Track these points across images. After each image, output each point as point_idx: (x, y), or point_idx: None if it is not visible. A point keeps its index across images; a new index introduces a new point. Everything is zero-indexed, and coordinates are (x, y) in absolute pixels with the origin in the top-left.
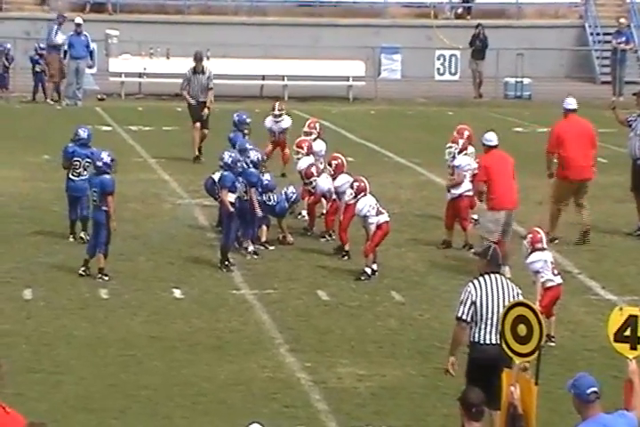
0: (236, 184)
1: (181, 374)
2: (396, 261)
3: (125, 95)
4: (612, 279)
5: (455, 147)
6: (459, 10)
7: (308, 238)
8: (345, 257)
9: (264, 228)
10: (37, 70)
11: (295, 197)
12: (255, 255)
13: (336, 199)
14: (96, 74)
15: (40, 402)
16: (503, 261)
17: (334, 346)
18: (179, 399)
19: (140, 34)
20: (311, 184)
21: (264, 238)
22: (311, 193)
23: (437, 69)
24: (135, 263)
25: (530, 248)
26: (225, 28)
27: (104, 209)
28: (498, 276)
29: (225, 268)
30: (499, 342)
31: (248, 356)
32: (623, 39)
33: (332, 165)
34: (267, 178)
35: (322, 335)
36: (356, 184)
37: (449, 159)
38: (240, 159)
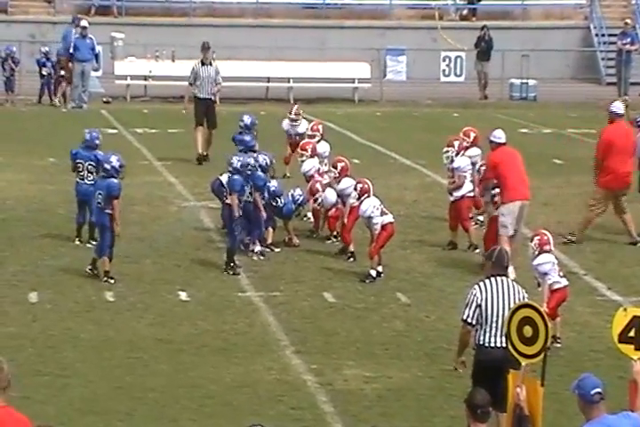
0: (245, 188)
1: (188, 376)
2: (401, 263)
3: (131, 98)
4: (618, 280)
5: (452, 150)
6: (464, 11)
7: (313, 240)
8: (350, 258)
9: (270, 230)
10: (44, 73)
11: (301, 199)
12: (261, 256)
13: (339, 206)
14: (101, 77)
15: (46, 405)
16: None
17: (340, 348)
18: (185, 402)
19: (146, 36)
20: (317, 200)
21: (270, 240)
22: (317, 209)
23: (443, 71)
24: (141, 266)
25: (537, 250)
26: (230, 30)
27: (107, 212)
28: (504, 278)
29: (231, 271)
30: (504, 344)
31: (254, 358)
32: (628, 40)
33: (337, 167)
34: (274, 184)
35: (328, 337)
36: (359, 185)
37: (447, 163)
38: (249, 162)
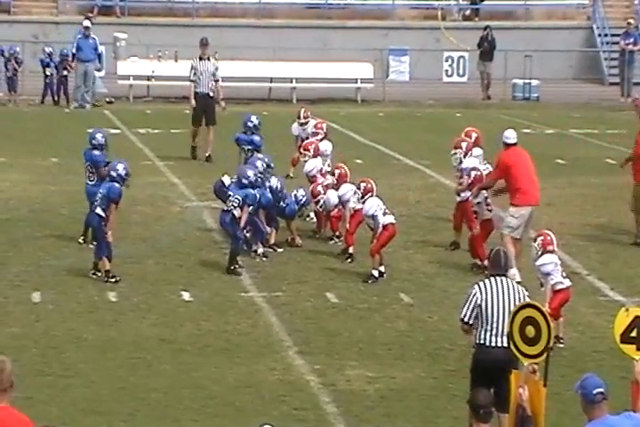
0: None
1: (191, 376)
2: (404, 263)
3: (134, 98)
4: (621, 280)
5: (460, 151)
6: (467, 12)
7: (316, 241)
8: (348, 259)
9: (272, 230)
10: (47, 74)
11: (305, 199)
12: (264, 257)
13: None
14: (104, 77)
15: (49, 405)
16: (510, 263)
17: (343, 348)
18: (188, 402)
19: (148, 37)
20: (319, 203)
21: (273, 241)
22: (319, 212)
23: (445, 71)
24: (144, 266)
25: (540, 250)
26: (233, 30)
27: (97, 213)
28: (503, 278)
29: (233, 272)
30: (504, 344)
31: (257, 358)
32: (631, 40)
33: (335, 174)
34: (274, 182)
35: (331, 338)
36: (363, 185)
37: (456, 165)
38: (261, 171)
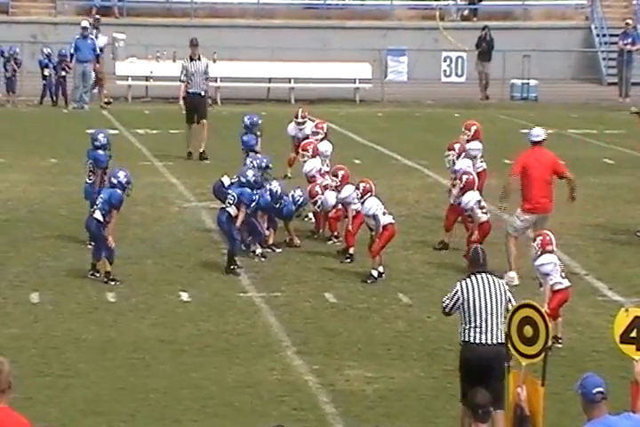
0: (253, 201)
1: (190, 377)
2: (403, 264)
3: (132, 98)
4: (620, 281)
5: (453, 153)
6: (465, 12)
7: (314, 241)
8: (348, 260)
9: (271, 230)
10: (46, 74)
11: (302, 200)
12: (263, 258)
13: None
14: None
15: (49, 406)
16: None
17: (342, 348)
18: (187, 402)
19: (147, 37)
20: (316, 203)
21: (271, 241)
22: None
23: (444, 71)
24: (143, 267)
25: (540, 250)
26: (231, 30)
27: (95, 217)
28: (484, 275)
29: (231, 273)
30: (489, 341)
31: (256, 359)
32: (630, 40)
33: (337, 175)
34: (275, 185)
35: (330, 338)
36: (362, 185)
37: (449, 166)
38: (260, 182)
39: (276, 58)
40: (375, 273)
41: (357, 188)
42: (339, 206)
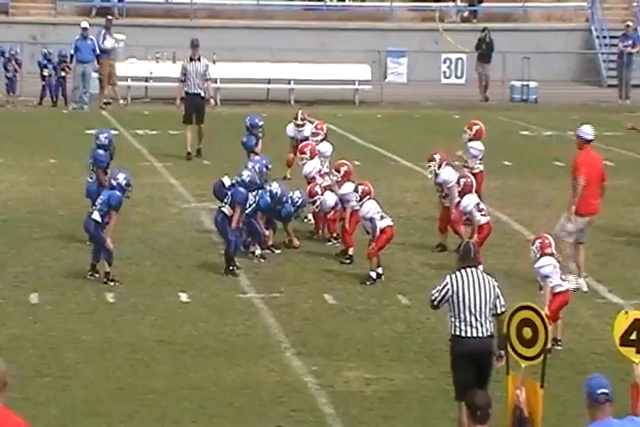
0: (248, 201)
1: (189, 377)
2: (402, 265)
3: (132, 99)
4: (620, 283)
5: (434, 164)
6: (465, 13)
7: (314, 242)
8: (347, 261)
9: (270, 232)
10: (45, 75)
11: (301, 201)
12: (262, 259)
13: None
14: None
15: (48, 406)
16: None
17: (341, 350)
18: (187, 403)
19: (147, 38)
20: (315, 203)
21: (270, 242)
22: (317, 212)
23: (444, 73)
24: (142, 267)
25: (539, 253)
26: (231, 31)
27: (94, 218)
28: (473, 269)
29: (230, 274)
30: (478, 334)
31: (255, 359)
32: (630, 42)
33: (339, 171)
34: (276, 187)
35: (329, 339)
36: (361, 187)
37: (431, 178)
38: (257, 182)
39: (276, 59)
40: (374, 275)
41: (356, 190)
42: (337, 208)
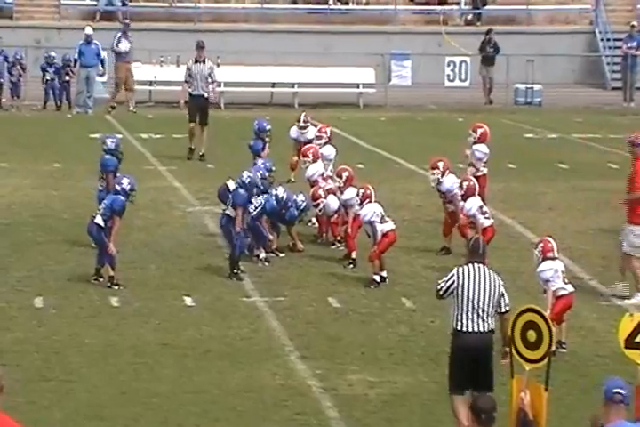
0: (248, 203)
1: (193, 381)
2: (406, 268)
3: (136, 103)
4: None
5: (437, 172)
6: (469, 16)
7: (318, 246)
8: (350, 265)
9: (274, 235)
10: (47, 78)
11: (305, 204)
12: (266, 262)
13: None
14: (106, 82)
15: (52, 410)
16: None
17: (345, 353)
18: (190, 407)
19: (151, 42)
20: (318, 206)
21: (274, 246)
22: (320, 216)
23: (447, 76)
24: (146, 271)
25: (541, 257)
26: (235, 35)
27: (97, 222)
28: (480, 265)
29: (235, 277)
30: (479, 329)
31: (259, 363)
32: (634, 44)
33: (342, 177)
34: (281, 192)
35: (332, 342)
36: (361, 191)
37: (434, 186)
38: (256, 183)
39: (280, 62)
40: (377, 278)
41: (357, 195)
42: (341, 211)
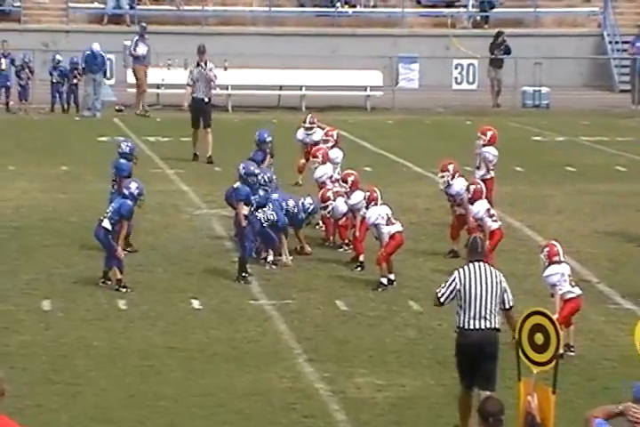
0: (251, 197)
1: (200, 384)
2: (413, 271)
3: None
4: (632, 288)
5: (447, 174)
6: (476, 18)
7: (325, 248)
8: (358, 268)
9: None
10: (53, 81)
11: (312, 207)
12: (274, 265)
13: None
14: (114, 85)
15: (59, 413)
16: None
17: (353, 356)
18: (197, 410)
19: (158, 45)
20: (327, 208)
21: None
22: (328, 218)
23: (455, 79)
24: (153, 274)
25: (547, 262)
26: (243, 38)
27: (104, 226)
28: (481, 263)
29: (242, 280)
30: (482, 327)
31: (267, 366)
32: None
33: (347, 181)
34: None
35: (340, 345)
36: (367, 194)
37: (443, 188)
38: (253, 172)
39: (287, 65)
40: (385, 281)
41: (364, 197)
42: (349, 214)
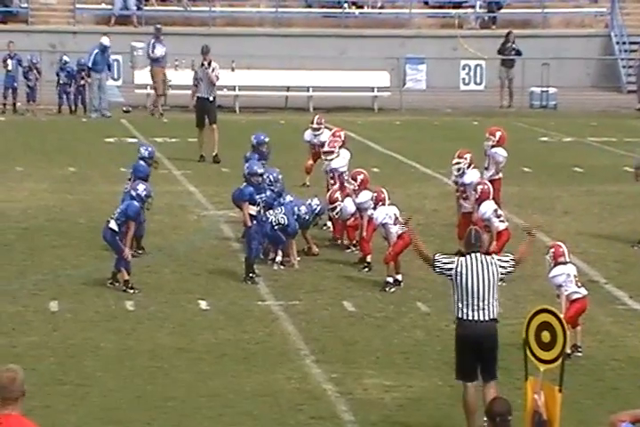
0: (255, 197)
1: (208, 385)
2: (421, 272)
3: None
4: None
5: (464, 162)
6: (484, 18)
7: (333, 249)
8: (365, 269)
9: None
10: (60, 82)
11: (319, 208)
12: (282, 266)
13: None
14: (121, 86)
15: (67, 414)
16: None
17: (360, 357)
18: (205, 411)
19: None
20: (335, 209)
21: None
22: (336, 218)
23: (462, 79)
24: (161, 275)
25: (552, 262)
26: (250, 39)
27: (111, 227)
28: (477, 254)
29: (250, 281)
30: (482, 318)
31: (274, 367)
32: None
33: (356, 179)
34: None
35: (348, 346)
36: (374, 194)
37: (457, 175)
38: (257, 171)
39: (295, 66)
40: (390, 280)
41: (371, 198)
42: (357, 215)
